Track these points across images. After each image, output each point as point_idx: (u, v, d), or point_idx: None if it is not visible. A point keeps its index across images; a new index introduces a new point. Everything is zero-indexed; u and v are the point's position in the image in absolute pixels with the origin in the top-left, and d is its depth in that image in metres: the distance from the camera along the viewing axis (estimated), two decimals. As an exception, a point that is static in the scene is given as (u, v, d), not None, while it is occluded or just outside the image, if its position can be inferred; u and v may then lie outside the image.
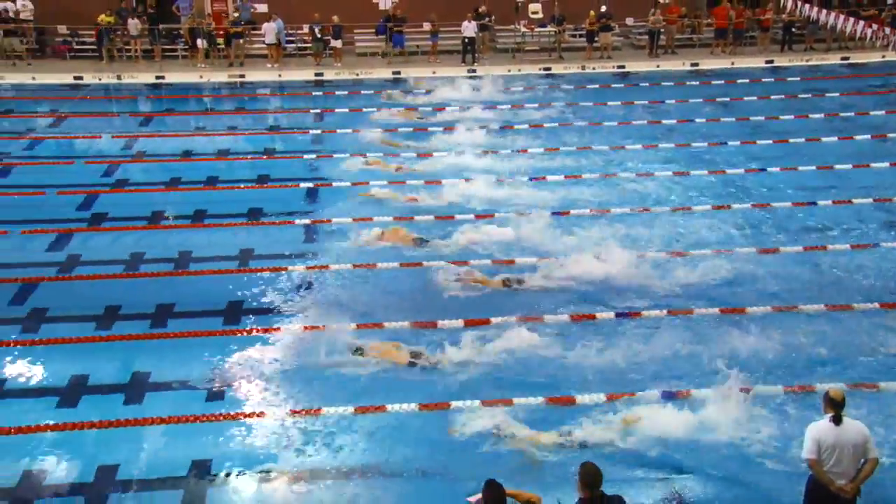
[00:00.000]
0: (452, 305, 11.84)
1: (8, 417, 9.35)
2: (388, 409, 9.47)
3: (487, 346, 10.62)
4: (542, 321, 11.40)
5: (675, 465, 8.57)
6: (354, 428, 9.18)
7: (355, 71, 26.27)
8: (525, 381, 10.02)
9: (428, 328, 11.26)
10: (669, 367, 10.30)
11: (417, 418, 9.37)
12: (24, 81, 24.94)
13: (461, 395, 9.69)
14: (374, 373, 10.13)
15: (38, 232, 14.31)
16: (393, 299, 12.04)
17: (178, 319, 11.55)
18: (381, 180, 16.70)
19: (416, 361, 10.26)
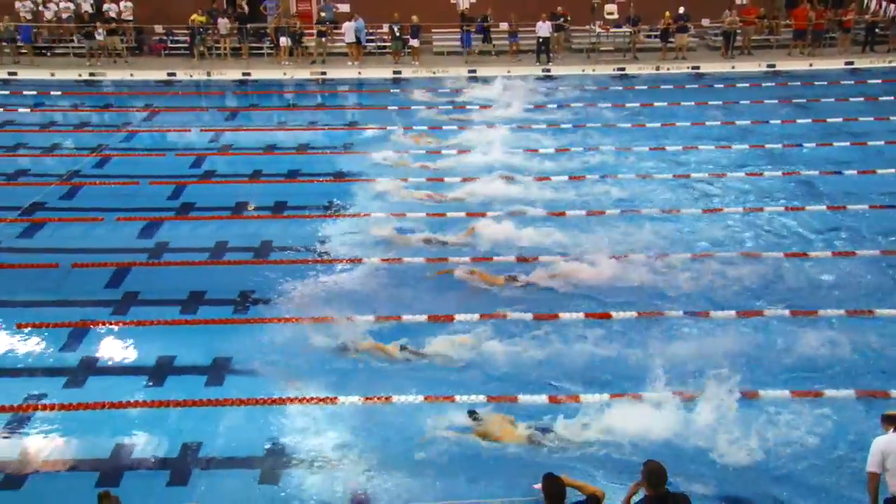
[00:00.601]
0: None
1: (100, 393, 10.06)
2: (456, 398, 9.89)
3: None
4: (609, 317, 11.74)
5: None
6: (421, 416, 9.61)
7: (432, 69, 26.89)
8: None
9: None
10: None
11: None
12: (123, 78, 26.43)
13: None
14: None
15: (131, 219, 15.27)
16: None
17: (256, 306, 12.20)
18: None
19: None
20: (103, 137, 20.42)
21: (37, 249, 14.06)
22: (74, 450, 9.14)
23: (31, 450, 9.09)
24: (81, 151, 19.24)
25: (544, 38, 26.87)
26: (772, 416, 9.47)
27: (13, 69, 26.57)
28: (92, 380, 10.40)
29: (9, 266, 13.36)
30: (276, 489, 8.51)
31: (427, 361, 10.63)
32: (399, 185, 16.78)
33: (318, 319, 11.61)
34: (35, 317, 11.67)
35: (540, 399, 9.89)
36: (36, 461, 8.92)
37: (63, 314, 11.77)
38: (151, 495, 8.32)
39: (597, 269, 12.89)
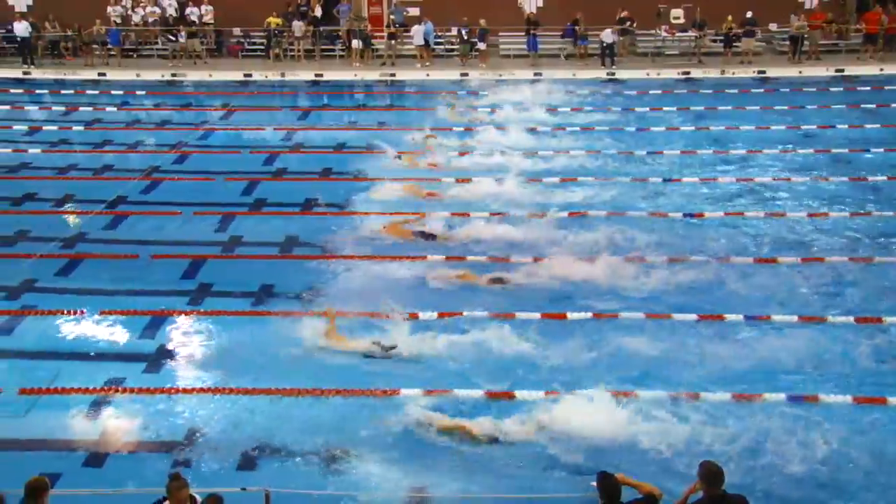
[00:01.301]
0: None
1: (175, 379, 10.72)
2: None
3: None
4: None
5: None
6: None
7: (498, 72, 27.34)
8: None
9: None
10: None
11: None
12: (202, 78, 27.65)
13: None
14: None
15: (207, 214, 16.12)
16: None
17: (322, 299, 12.64)
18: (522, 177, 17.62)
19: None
20: (182, 135, 21.46)
21: (119, 241, 14.95)
22: (150, 432, 9.68)
23: (111, 431, 9.70)
24: (162, 148, 20.32)
25: (609, 43, 27.05)
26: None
27: (103, 70, 28.06)
28: (168, 365, 11.04)
29: (94, 256, 14.31)
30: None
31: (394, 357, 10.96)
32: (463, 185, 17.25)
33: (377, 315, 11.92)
34: (117, 304, 12.46)
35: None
36: (115, 442, 9.52)
37: (142, 303, 12.55)
38: (220, 479, 8.69)
39: (657, 272, 13.12)
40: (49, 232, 15.17)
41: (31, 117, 23.80)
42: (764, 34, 28.40)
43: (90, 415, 9.97)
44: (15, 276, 13.33)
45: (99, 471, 9.03)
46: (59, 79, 27.51)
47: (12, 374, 10.75)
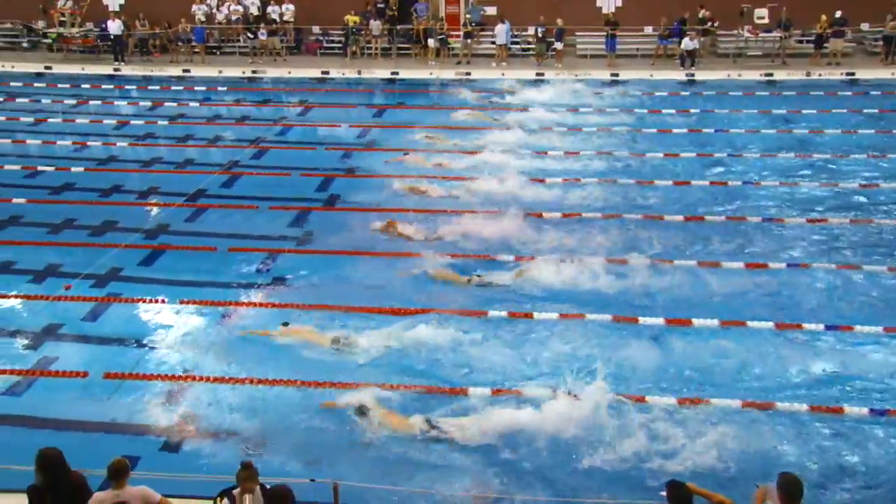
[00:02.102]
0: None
1: (248, 369, 10.91)
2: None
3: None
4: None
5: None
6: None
7: (574, 72, 27.13)
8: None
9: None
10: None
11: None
12: (282, 75, 28.21)
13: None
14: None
15: (283, 209, 16.49)
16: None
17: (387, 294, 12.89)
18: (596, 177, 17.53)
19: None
20: (261, 131, 21.97)
21: (199, 233, 15.40)
22: (224, 420, 9.95)
23: (188, 417, 10.01)
24: (241, 143, 20.83)
25: (690, 49, 26.60)
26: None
27: (187, 67, 28.93)
28: (242, 356, 11.23)
29: (175, 247, 14.78)
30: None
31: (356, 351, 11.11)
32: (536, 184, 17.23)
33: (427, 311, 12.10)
34: (196, 295, 12.85)
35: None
36: (190, 428, 9.83)
37: (220, 294, 12.92)
38: (288, 469, 8.90)
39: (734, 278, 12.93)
40: (134, 223, 15.74)
41: (119, 112, 24.70)
42: (854, 34, 27.45)
43: (169, 401, 10.29)
44: (102, 265, 13.87)
45: (175, 455, 9.33)
46: (146, 75, 28.46)
47: (98, 358, 11.18)
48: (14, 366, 11.03)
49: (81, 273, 13.46)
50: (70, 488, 6.85)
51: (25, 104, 24.80)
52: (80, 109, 24.56)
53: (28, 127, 22.63)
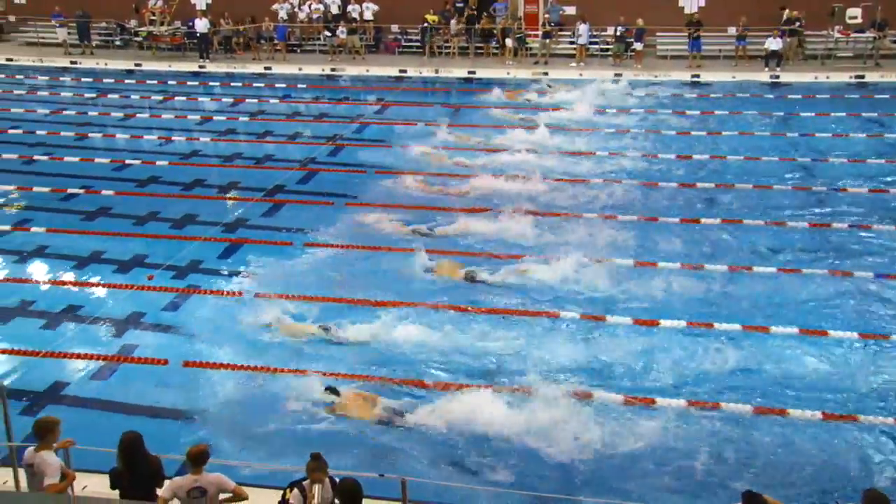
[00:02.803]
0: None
1: (327, 360, 11.15)
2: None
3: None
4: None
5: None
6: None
7: (654, 72, 26.67)
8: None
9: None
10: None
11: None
12: (360, 73, 28.60)
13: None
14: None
15: (358, 205, 16.63)
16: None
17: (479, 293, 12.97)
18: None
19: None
20: (339, 128, 22.29)
21: (275, 228, 15.71)
22: (297, 411, 9.98)
23: (262, 406, 10.17)
24: (318, 140, 21.17)
25: (774, 50, 25.85)
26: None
27: (268, 64, 29.56)
28: (316, 348, 11.46)
29: (252, 242, 15.10)
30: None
31: (339, 342, 11.38)
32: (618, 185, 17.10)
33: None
34: (272, 288, 13.06)
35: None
36: (266, 418, 10.02)
37: (294, 288, 13.11)
38: (360, 464, 9.10)
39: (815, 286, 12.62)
40: (213, 216, 16.17)
41: (203, 108, 25.42)
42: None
43: (245, 389, 10.52)
44: (182, 257, 14.28)
45: (249, 444, 9.49)
46: (229, 72, 29.22)
47: (177, 347, 11.53)
48: (99, 351, 11.46)
49: (164, 264, 13.89)
50: (147, 472, 7.08)
51: (116, 100, 25.75)
52: (166, 105, 25.36)
53: (118, 122, 23.50)
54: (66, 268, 14.08)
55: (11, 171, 18.91)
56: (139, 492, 6.91)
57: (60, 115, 23.96)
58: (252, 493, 7.47)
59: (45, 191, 17.58)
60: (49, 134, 21.85)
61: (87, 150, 20.71)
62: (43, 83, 27.88)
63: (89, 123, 23.17)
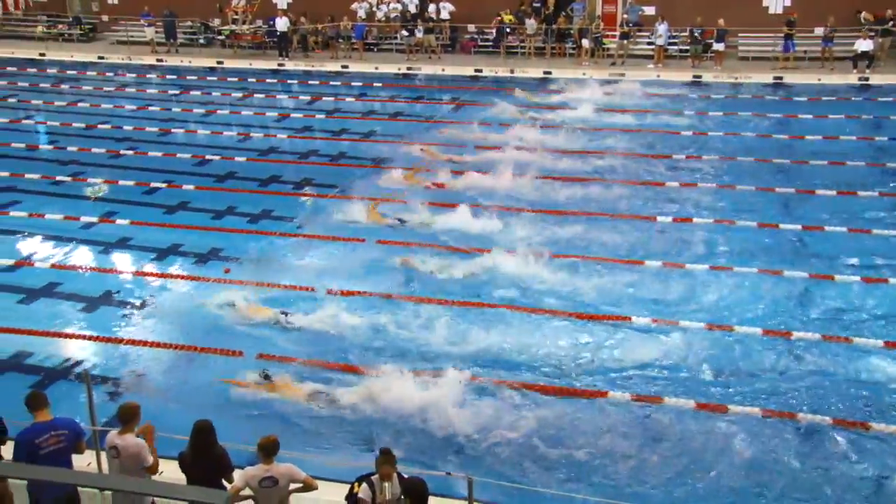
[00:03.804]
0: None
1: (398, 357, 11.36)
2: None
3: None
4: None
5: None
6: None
7: (734, 74, 26.02)
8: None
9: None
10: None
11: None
12: (435, 72, 28.72)
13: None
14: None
15: (441, 206, 16.36)
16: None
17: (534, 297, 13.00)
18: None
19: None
20: (412, 126, 22.39)
21: (349, 224, 15.87)
22: (370, 408, 10.14)
23: (335, 402, 10.36)
24: (393, 139, 21.32)
25: (865, 51, 24.91)
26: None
27: (346, 63, 29.97)
28: (386, 345, 11.61)
29: (325, 237, 15.27)
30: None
31: (295, 327, 11.91)
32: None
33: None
34: (344, 284, 13.23)
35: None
36: (339, 415, 10.21)
37: (369, 284, 13.30)
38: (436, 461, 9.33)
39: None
40: (288, 212, 16.46)
41: (281, 105, 25.92)
42: None
43: (319, 384, 10.66)
44: (257, 251, 14.60)
45: (316, 437, 9.64)
46: (307, 70, 29.72)
47: (252, 339, 11.78)
48: (175, 340, 11.79)
49: (240, 257, 14.22)
50: (210, 460, 7.23)
51: (198, 96, 26.48)
52: (245, 102, 25.95)
53: (199, 118, 24.16)
54: (146, 259, 14.51)
55: (99, 165, 19.64)
56: (202, 478, 7.04)
57: (146, 111, 24.77)
58: (321, 485, 7.56)
59: (130, 184, 18.19)
60: (135, 129, 22.62)
61: (169, 145, 21.36)
62: (131, 80, 28.85)
63: (172, 119, 23.89)
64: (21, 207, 16.79)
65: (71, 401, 9.67)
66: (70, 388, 10.52)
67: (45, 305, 12.91)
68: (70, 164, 19.70)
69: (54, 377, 10.86)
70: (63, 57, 31.67)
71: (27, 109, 25.23)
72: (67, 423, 7.36)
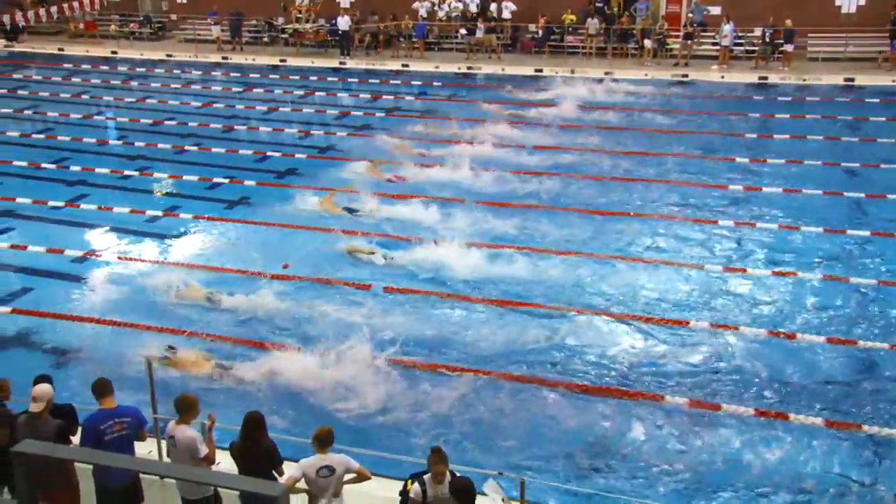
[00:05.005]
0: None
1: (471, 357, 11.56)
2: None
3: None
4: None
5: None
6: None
7: (803, 76, 25.37)
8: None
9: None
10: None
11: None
12: (495, 72, 28.66)
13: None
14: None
15: (486, 204, 16.55)
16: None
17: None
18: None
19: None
20: (470, 126, 22.34)
21: (408, 222, 15.93)
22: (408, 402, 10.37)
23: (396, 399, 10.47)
24: (452, 139, 21.33)
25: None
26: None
27: (406, 61, 30.14)
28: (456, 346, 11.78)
29: (386, 236, 15.34)
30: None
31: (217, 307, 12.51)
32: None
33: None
34: (400, 282, 13.39)
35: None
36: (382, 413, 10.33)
37: (430, 285, 13.36)
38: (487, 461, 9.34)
39: None
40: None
41: (341, 103, 26.18)
42: None
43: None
44: (316, 247, 14.80)
45: (367, 436, 9.65)
46: (368, 68, 29.98)
47: (320, 334, 11.76)
48: (237, 334, 11.98)
49: (297, 254, 14.44)
50: (263, 452, 7.34)
51: (261, 94, 26.93)
52: (306, 100, 26.29)
53: (261, 115, 24.57)
54: (207, 254, 14.80)
55: (165, 160, 20.12)
56: (252, 469, 7.15)
57: (210, 107, 25.29)
58: (376, 482, 7.63)
59: (194, 179, 18.59)
60: (199, 126, 23.11)
61: (232, 141, 21.77)
62: (196, 77, 29.49)
63: (235, 116, 24.35)
64: (90, 200, 17.30)
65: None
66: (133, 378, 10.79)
67: (104, 294, 13.27)
68: (137, 159, 20.24)
69: (116, 365, 11.06)
70: (133, 55, 32.54)
71: (98, 106, 25.99)
72: (131, 410, 7.54)
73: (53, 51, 33.23)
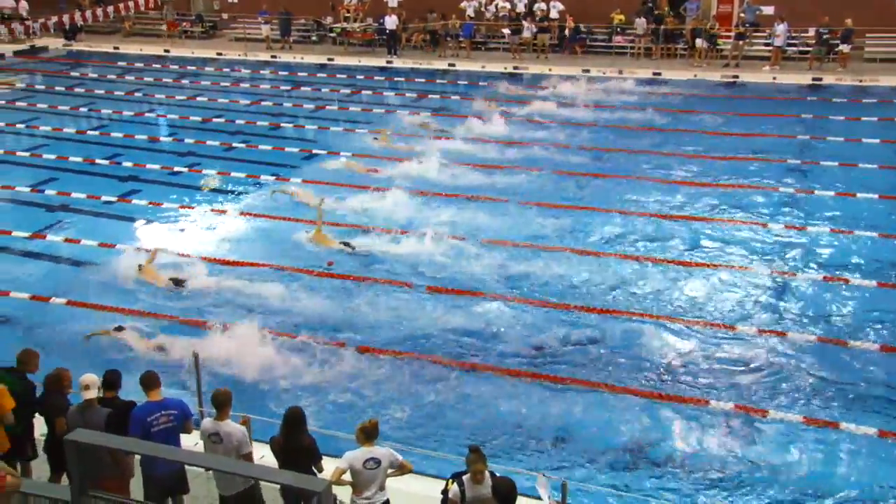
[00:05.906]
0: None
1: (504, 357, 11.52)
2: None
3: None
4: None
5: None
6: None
7: (859, 77, 24.79)
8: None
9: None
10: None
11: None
12: (542, 72, 28.51)
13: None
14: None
15: (531, 204, 16.55)
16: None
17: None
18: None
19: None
20: (514, 125, 22.21)
21: (448, 223, 15.86)
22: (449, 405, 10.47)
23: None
24: (494, 138, 21.29)
25: None
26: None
27: (452, 61, 30.15)
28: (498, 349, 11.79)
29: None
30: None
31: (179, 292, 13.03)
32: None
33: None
34: (443, 282, 13.45)
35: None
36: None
37: (459, 282, 13.38)
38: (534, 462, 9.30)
39: None
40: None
41: (387, 102, 26.29)
42: None
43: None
44: (359, 245, 14.83)
45: (408, 437, 9.61)
46: (414, 67, 30.06)
47: (352, 332, 12.00)
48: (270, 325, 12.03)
49: (343, 252, 14.53)
50: (302, 447, 7.38)
51: (308, 92, 27.17)
52: (352, 99, 26.46)
53: (308, 113, 24.78)
54: (256, 250, 14.90)
55: (213, 157, 20.42)
56: (293, 464, 7.19)
57: (258, 105, 25.59)
58: (418, 479, 7.63)
59: (241, 176, 18.83)
60: (247, 123, 23.39)
61: (279, 139, 21.99)
62: (245, 75, 29.87)
63: (282, 114, 24.60)
64: (141, 196, 17.62)
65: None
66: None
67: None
68: (187, 156, 20.57)
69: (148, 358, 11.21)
70: (185, 53, 33.08)
71: (150, 103, 26.47)
72: (177, 403, 7.66)
73: (108, 49, 33.95)
